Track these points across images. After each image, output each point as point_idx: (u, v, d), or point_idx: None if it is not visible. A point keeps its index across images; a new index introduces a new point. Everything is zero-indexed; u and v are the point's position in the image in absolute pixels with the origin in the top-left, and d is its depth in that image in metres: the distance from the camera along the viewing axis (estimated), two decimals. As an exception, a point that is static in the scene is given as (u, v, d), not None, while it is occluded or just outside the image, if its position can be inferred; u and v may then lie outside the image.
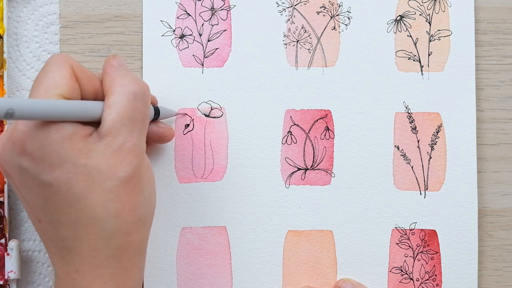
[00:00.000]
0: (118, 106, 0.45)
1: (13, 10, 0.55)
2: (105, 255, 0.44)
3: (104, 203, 0.44)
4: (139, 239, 0.46)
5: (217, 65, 0.55)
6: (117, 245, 0.44)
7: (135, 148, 0.45)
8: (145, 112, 0.46)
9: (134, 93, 0.45)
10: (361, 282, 0.55)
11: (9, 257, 0.52)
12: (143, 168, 0.46)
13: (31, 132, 0.43)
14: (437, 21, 0.56)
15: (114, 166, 0.44)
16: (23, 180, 0.45)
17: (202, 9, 0.56)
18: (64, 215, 0.44)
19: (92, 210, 0.44)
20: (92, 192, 0.43)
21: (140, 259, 0.46)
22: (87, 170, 0.43)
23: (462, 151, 0.55)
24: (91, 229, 0.44)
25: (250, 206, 0.55)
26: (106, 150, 0.44)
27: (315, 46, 0.56)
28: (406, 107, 0.56)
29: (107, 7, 0.56)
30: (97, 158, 0.44)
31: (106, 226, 0.44)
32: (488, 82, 0.56)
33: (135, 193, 0.45)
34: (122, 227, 0.44)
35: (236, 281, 0.55)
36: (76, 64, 0.46)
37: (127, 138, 0.44)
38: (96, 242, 0.44)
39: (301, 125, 0.55)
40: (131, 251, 0.45)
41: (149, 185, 0.46)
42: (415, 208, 0.55)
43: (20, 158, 0.44)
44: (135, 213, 0.45)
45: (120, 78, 0.46)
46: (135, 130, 0.45)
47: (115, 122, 0.44)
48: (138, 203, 0.45)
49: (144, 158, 0.46)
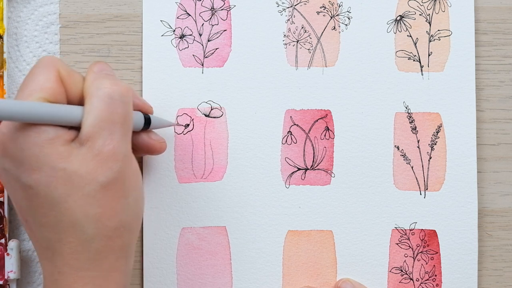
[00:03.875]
0: (95, 110, 0.44)
1: (13, 10, 0.55)
2: (85, 258, 0.44)
3: (83, 208, 0.43)
4: (121, 243, 0.45)
5: (217, 65, 0.55)
6: (97, 249, 0.44)
7: (115, 152, 0.44)
8: (125, 114, 0.45)
9: (110, 95, 0.45)
10: (361, 282, 0.55)
11: (9, 257, 0.52)
12: (128, 173, 0.45)
13: (11, 135, 0.43)
14: (437, 21, 0.56)
15: (94, 171, 0.43)
16: (8, 181, 0.45)
17: (202, 9, 0.56)
18: (45, 217, 0.44)
19: (71, 214, 0.43)
20: (71, 196, 0.43)
21: (123, 263, 0.46)
22: (66, 174, 0.43)
23: (462, 151, 0.55)
24: (71, 232, 0.44)
25: (250, 206, 0.55)
26: (87, 154, 0.43)
27: (315, 46, 0.56)
28: (406, 107, 0.56)
29: (107, 7, 0.56)
30: (77, 162, 0.43)
31: (85, 230, 0.44)
32: (488, 82, 0.56)
33: (117, 198, 0.44)
34: (102, 232, 0.44)
35: (236, 281, 0.55)
36: (63, 67, 0.46)
37: (106, 141, 0.44)
38: (76, 245, 0.44)
39: (301, 125, 0.55)
40: (112, 255, 0.45)
41: (134, 190, 0.45)
42: (415, 208, 0.55)
43: (2, 159, 0.44)
44: (117, 218, 0.44)
45: (97, 81, 0.45)
46: (115, 133, 0.44)
47: (93, 126, 0.44)
48: (120, 208, 0.45)
49: (129, 162, 0.45)
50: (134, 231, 0.46)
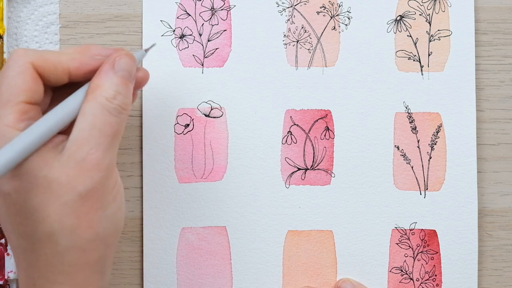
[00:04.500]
0: (91, 116, 0.43)
1: (13, 10, 0.55)
2: (59, 271, 0.43)
3: (60, 217, 0.42)
4: (97, 257, 0.44)
5: (217, 65, 0.55)
6: (71, 262, 0.43)
7: (99, 162, 0.43)
8: (118, 129, 0.44)
9: (108, 107, 0.44)
10: (361, 282, 0.55)
11: (9, 257, 0.52)
12: (108, 185, 0.44)
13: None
14: (437, 21, 0.56)
15: (74, 179, 0.42)
16: None
17: (202, 9, 0.56)
18: (21, 226, 0.43)
19: (47, 224, 0.42)
20: (50, 204, 0.42)
21: (98, 277, 0.44)
22: (46, 182, 0.42)
23: (462, 151, 0.55)
24: (46, 243, 0.42)
25: (250, 206, 0.55)
26: (69, 160, 0.42)
27: (315, 46, 0.56)
28: (406, 107, 0.56)
29: (107, 7, 0.56)
30: (59, 169, 0.42)
31: (60, 241, 0.42)
32: (488, 82, 0.56)
33: (95, 209, 0.43)
34: (77, 244, 0.43)
35: (236, 281, 0.55)
36: (37, 56, 0.44)
37: (91, 150, 0.43)
38: (51, 256, 0.43)
39: (301, 125, 0.55)
40: (86, 269, 0.43)
41: (113, 203, 0.44)
42: (415, 208, 0.55)
43: None
44: (93, 230, 0.43)
45: (107, 83, 0.45)
46: (102, 144, 0.43)
47: (83, 131, 0.43)
48: (97, 220, 0.43)
49: (111, 175, 0.44)
50: (111, 245, 0.45)
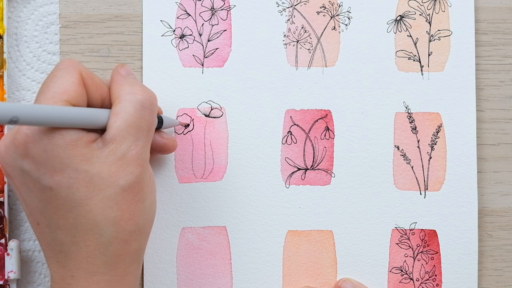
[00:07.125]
0: (125, 114, 0.45)
1: (13, 10, 0.55)
2: (101, 262, 0.44)
3: (104, 210, 0.44)
4: (136, 247, 0.46)
5: (217, 65, 0.55)
6: (113, 253, 0.45)
7: (138, 157, 0.45)
8: (151, 122, 0.47)
9: (141, 102, 0.46)
10: (361, 282, 0.55)
11: (9, 257, 0.52)
12: (146, 178, 0.46)
13: (34, 136, 0.44)
14: (437, 21, 0.56)
15: (116, 174, 0.44)
16: (24, 183, 0.45)
17: (202, 9, 0.56)
18: (63, 219, 0.44)
19: (91, 216, 0.44)
20: (92, 198, 0.44)
21: (136, 267, 0.47)
22: (88, 176, 0.44)
23: (462, 151, 0.55)
24: (89, 235, 0.44)
25: (250, 206, 0.55)
26: (109, 157, 0.44)
27: (315, 46, 0.56)
28: (406, 107, 0.56)
29: (107, 7, 0.56)
30: (99, 165, 0.44)
31: (104, 233, 0.44)
32: (488, 82, 0.56)
33: (135, 202, 0.45)
34: (120, 235, 0.45)
35: (236, 281, 0.55)
36: (85, 70, 0.46)
37: (131, 147, 0.45)
38: (93, 248, 0.44)
39: (301, 125, 0.55)
40: (127, 259, 0.45)
41: (150, 194, 0.46)
42: (415, 208, 0.55)
43: (22, 161, 0.44)
44: (134, 221, 0.45)
45: (128, 87, 0.46)
46: (140, 139, 0.45)
47: (120, 129, 0.44)
48: (138, 212, 0.45)
49: (147, 167, 0.46)
50: (147, 235, 0.47)
